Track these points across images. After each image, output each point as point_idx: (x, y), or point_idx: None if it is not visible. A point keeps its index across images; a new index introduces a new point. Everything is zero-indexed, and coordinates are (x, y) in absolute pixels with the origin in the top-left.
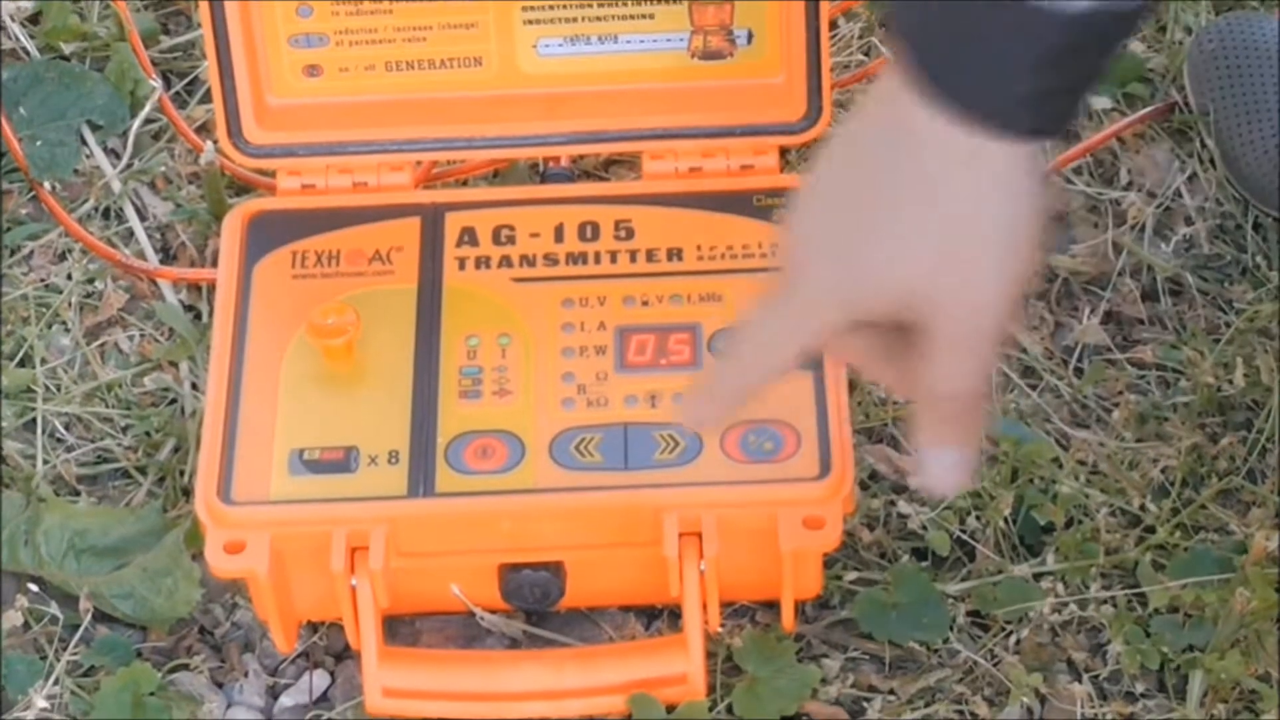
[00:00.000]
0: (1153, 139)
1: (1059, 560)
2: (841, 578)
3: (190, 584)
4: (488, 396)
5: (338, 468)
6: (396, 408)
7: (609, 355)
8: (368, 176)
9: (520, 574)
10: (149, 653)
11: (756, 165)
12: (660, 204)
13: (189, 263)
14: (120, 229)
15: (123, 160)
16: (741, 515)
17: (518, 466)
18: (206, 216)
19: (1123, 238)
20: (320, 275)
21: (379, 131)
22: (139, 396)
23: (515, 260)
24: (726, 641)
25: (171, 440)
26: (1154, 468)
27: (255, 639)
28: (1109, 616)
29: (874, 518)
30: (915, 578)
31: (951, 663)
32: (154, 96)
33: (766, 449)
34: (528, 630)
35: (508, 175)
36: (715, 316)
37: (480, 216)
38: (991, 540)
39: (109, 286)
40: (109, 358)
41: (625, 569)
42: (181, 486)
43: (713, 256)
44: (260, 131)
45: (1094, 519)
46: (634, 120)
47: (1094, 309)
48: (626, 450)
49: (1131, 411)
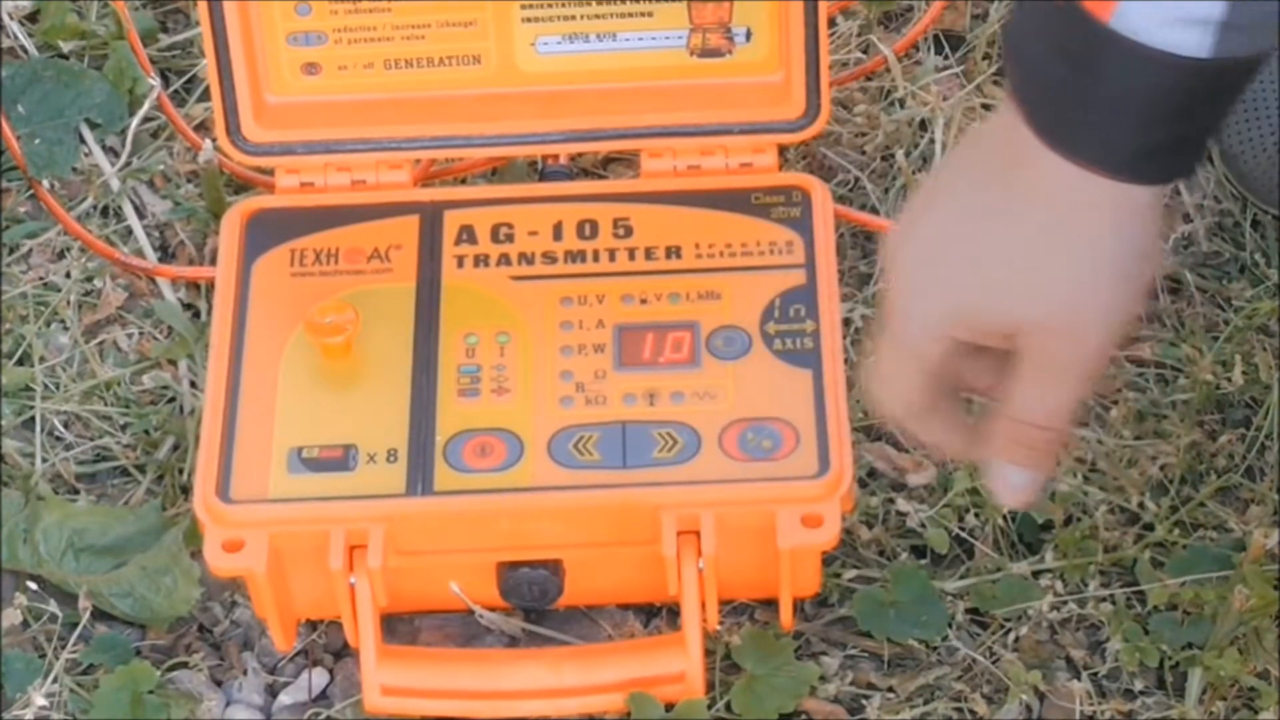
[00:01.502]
0: None
1: (1058, 558)
2: (840, 575)
3: (189, 582)
4: (486, 395)
5: (336, 466)
6: (395, 406)
7: (607, 353)
8: (366, 174)
9: (519, 572)
10: (148, 651)
11: (755, 163)
12: (659, 202)
13: (188, 261)
14: (119, 227)
15: (121, 158)
16: (740, 513)
17: (516, 465)
18: (205, 215)
19: None
20: (319, 273)
21: (377, 129)
22: (138, 395)
23: (514, 258)
24: (725, 639)
25: (170, 438)
26: (1153, 465)
27: (254, 637)
28: (1108, 614)
29: (873, 515)
30: (914, 576)
31: (950, 660)
32: (152, 94)
33: (765, 447)
34: (527, 628)
35: (506, 173)
36: (713, 314)
37: (479, 214)
38: (990, 538)
39: (108, 285)
40: (108, 356)
41: (624, 567)
42: (180, 485)
43: (711, 254)
44: (259, 129)
45: (1093, 517)
46: (632, 118)
47: None
48: (625, 448)
49: (1130, 409)
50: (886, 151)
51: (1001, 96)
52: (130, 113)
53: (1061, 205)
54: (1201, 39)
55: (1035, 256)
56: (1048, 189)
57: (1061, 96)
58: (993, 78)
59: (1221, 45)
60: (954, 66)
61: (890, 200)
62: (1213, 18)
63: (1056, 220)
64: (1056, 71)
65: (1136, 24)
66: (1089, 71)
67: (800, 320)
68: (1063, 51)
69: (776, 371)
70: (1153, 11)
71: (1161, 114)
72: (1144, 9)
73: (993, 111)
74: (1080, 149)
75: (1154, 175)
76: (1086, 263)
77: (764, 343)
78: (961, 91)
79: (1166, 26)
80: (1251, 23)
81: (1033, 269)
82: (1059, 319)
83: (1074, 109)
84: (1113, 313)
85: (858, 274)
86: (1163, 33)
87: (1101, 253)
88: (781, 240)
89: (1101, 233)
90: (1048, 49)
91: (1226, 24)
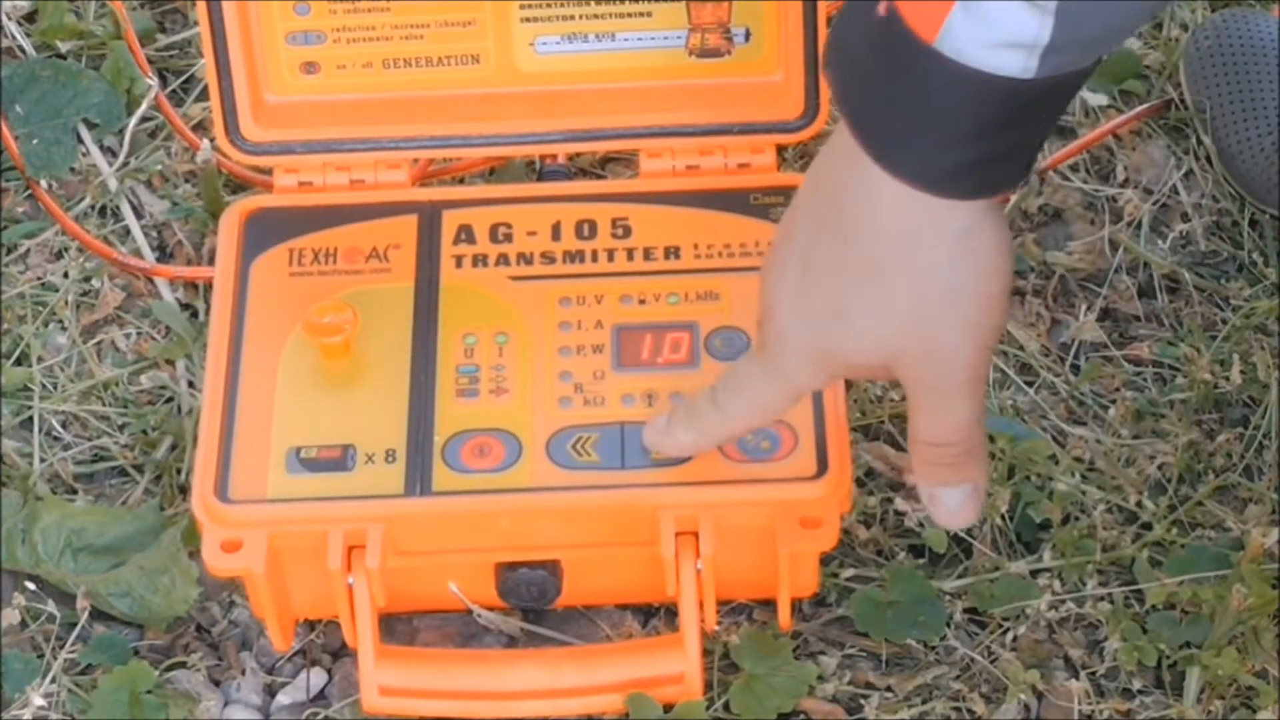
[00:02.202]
0: (1149, 136)
1: (1056, 557)
2: (838, 575)
3: (187, 582)
4: (485, 395)
5: (335, 466)
6: (393, 406)
7: (606, 354)
8: (365, 174)
9: (517, 573)
10: (146, 651)
11: (754, 163)
12: (657, 202)
13: (186, 261)
14: (117, 227)
15: (119, 158)
16: (738, 515)
17: (514, 465)
18: (203, 214)
19: (1119, 234)
20: (317, 273)
21: (376, 129)
22: (136, 395)
23: (512, 258)
24: (723, 639)
25: (168, 438)
26: (1151, 464)
27: (252, 637)
28: (1106, 613)
29: (870, 515)
30: (912, 575)
31: (948, 660)
32: (150, 94)
33: (764, 448)
34: (525, 628)
35: (505, 173)
36: (712, 315)
37: (477, 214)
38: (988, 537)
39: (106, 285)
40: (106, 356)
41: (622, 568)
42: (178, 485)
43: (710, 255)
44: (257, 129)
45: (1091, 516)
46: (631, 118)
47: (1091, 306)
48: (623, 449)
49: (1128, 408)
50: None
51: None
52: (128, 113)
53: (893, 230)
54: (1027, 61)
55: (874, 287)
56: (879, 213)
57: (883, 107)
58: None
59: (1045, 66)
60: None
61: None
62: (1040, 41)
63: (887, 248)
64: (878, 80)
65: (961, 46)
66: (911, 86)
67: None
68: (885, 62)
69: None
70: (977, 34)
71: (984, 130)
72: (968, 32)
73: (836, 128)
74: (901, 164)
75: (978, 190)
76: (924, 287)
77: None
78: None
79: (991, 49)
80: (1077, 43)
81: (873, 300)
82: (912, 347)
83: (894, 119)
84: (970, 330)
85: None
86: (987, 55)
87: (937, 274)
88: None
89: (935, 253)
90: (872, 55)
91: (1051, 46)
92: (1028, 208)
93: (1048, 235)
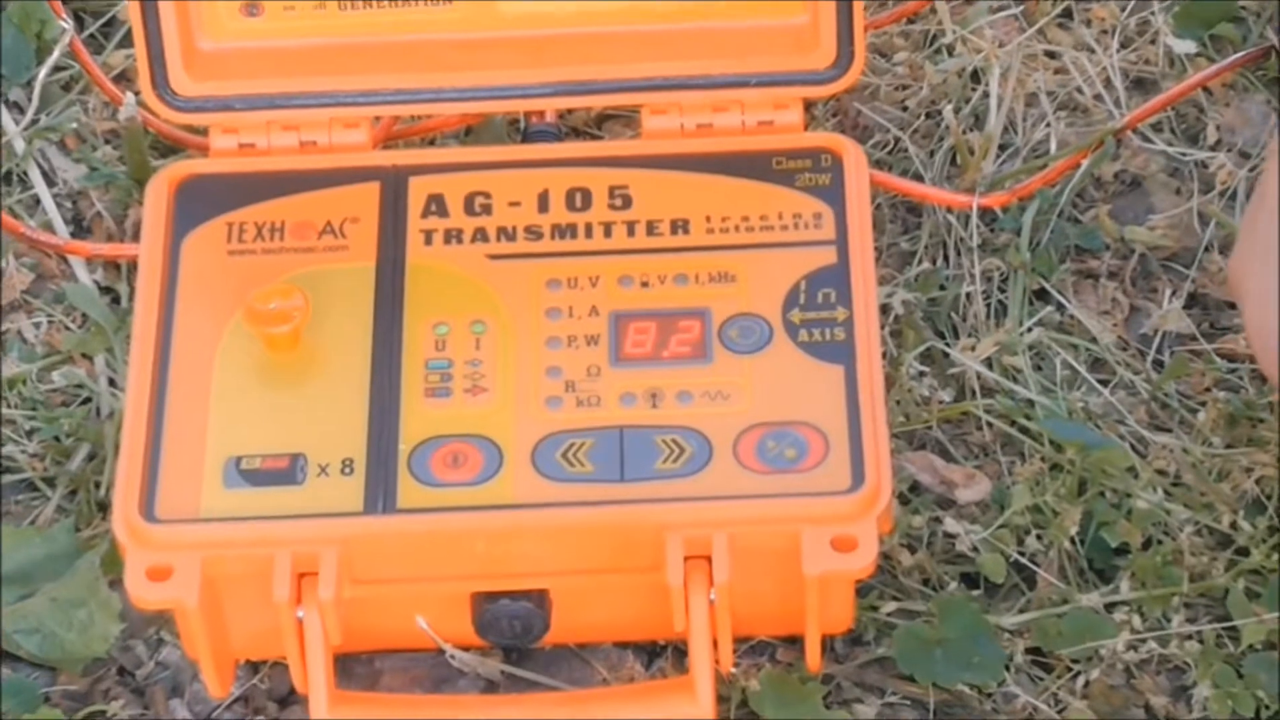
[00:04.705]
0: (1245, 89)
1: (1135, 588)
2: (877, 608)
3: (107, 617)
4: (459, 395)
5: (281, 479)
6: (351, 408)
7: (602, 346)
8: (317, 135)
9: (497, 604)
10: (59, 697)
11: (776, 121)
12: (663, 167)
13: (106, 237)
14: (24, 196)
15: (27, 115)
16: (758, 534)
17: (494, 478)
18: (126, 182)
19: (1210, 206)
20: (261, 251)
21: (330, 81)
22: (46, 394)
23: (491, 233)
24: (741, 684)
25: (85, 446)
26: (1247, 478)
27: (184, 681)
28: (1194, 654)
29: (915, 538)
30: (964, 609)
31: (1008, 709)
32: (64, 39)
33: (788, 456)
34: (506, 671)
35: (482, 133)
36: (727, 300)
37: (450, 181)
38: (1055, 564)
39: (11, 265)
40: (11, 348)
41: (621, 598)
42: (97, 501)
43: (724, 229)
44: (190, 81)
45: (1176, 539)
46: (632, 68)
47: (1176, 291)
48: (623, 458)
49: (1220, 412)
50: (932, 107)
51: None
52: (38, 61)
53: None
54: None
55: None
56: None
57: None
58: (1057, 20)
59: None
60: (1012, 6)
61: (936, 165)
62: None
63: None
64: None
65: None
66: None
67: (830, 307)
68: None
69: (802, 367)
70: None
71: None
72: None
73: None
74: None
75: None
76: None
77: (787, 333)
78: (1021, 36)
79: None
80: None
81: None
82: None
83: None
84: None
85: (898, 252)
86: None
87: None
88: (808, 212)
89: None
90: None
91: None
92: (1102, 174)
93: (1125, 207)
